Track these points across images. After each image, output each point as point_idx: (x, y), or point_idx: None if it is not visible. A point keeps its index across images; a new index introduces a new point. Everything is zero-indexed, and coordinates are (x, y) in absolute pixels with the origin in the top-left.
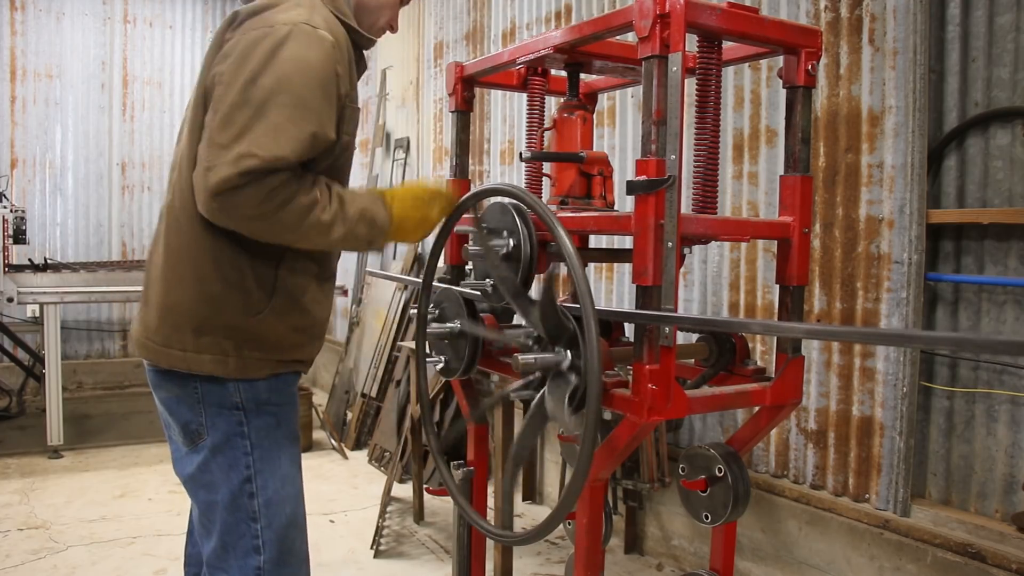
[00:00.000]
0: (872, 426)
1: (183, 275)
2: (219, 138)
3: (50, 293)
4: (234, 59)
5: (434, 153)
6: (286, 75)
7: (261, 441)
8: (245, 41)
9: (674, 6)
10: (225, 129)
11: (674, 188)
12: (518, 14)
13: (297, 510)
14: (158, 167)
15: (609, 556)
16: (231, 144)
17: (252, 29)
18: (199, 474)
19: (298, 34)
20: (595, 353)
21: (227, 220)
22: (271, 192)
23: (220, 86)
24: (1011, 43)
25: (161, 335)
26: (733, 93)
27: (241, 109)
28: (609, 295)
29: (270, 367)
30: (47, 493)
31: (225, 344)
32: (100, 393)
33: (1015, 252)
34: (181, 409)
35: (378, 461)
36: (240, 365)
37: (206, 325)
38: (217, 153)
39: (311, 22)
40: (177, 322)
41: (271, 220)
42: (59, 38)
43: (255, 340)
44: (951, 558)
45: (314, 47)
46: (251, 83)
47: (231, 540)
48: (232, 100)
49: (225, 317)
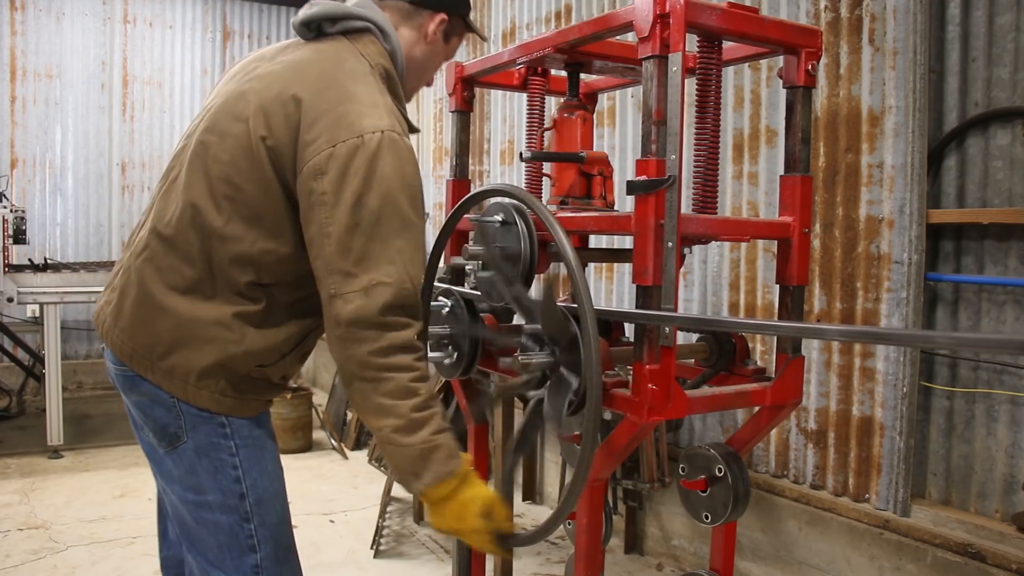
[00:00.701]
0: (872, 426)
1: (201, 318)
2: (340, 265)
3: (50, 293)
4: (332, 178)
5: (434, 153)
6: (390, 193)
7: (245, 441)
8: (339, 155)
9: (674, 6)
10: (343, 255)
11: (674, 188)
12: (518, 14)
13: (285, 506)
14: (158, 167)
15: (609, 556)
16: (353, 270)
17: (340, 139)
18: (185, 476)
19: (390, 145)
20: (595, 353)
21: (348, 351)
22: (396, 346)
23: (323, 208)
24: (1011, 43)
25: (167, 363)
26: (733, 93)
27: (354, 234)
28: (609, 295)
29: (261, 405)
30: (47, 493)
31: (225, 386)
32: (100, 393)
33: (1015, 252)
34: (157, 411)
35: (378, 461)
36: (236, 405)
37: (212, 369)
38: (341, 281)
39: (395, 129)
40: (186, 363)
41: (376, 375)
42: (59, 38)
43: (252, 382)
44: (951, 558)
45: (406, 158)
46: (358, 205)
47: (226, 540)
48: (343, 225)
49: (236, 369)
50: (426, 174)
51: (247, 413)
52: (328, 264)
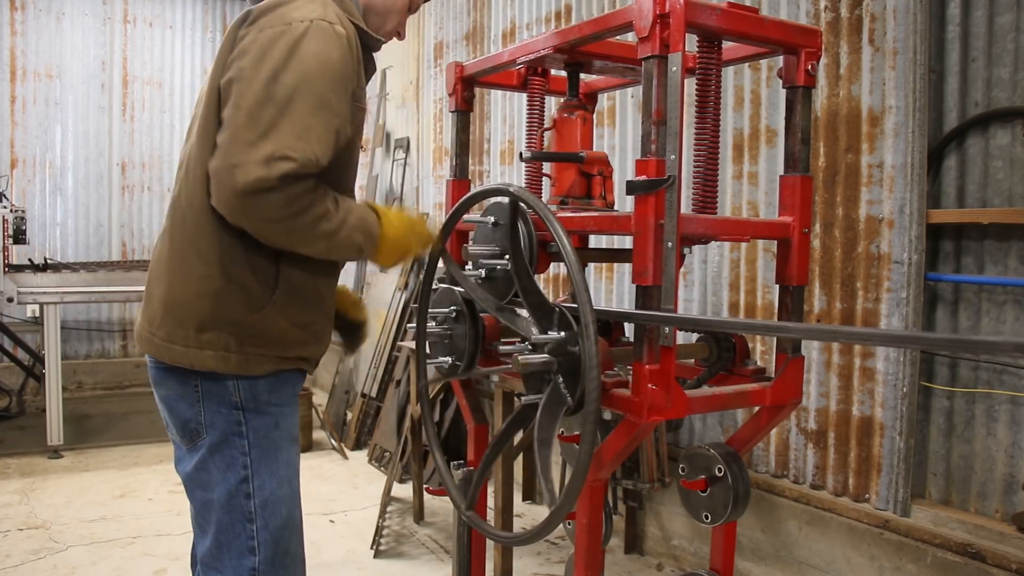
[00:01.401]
0: (872, 426)
1: (187, 271)
2: (244, 135)
3: (50, 293)
4: (252, 55)
5: (434, 153)
6: (308, 73)
7: (259, 441)
8: (263, 38)
9: (674, 6)
10: (251, 126)
11: (674, 188)
12: (518, 14)
13: (293, 512)
14: (158, 167)
15: (609, 556)
16: (258, 142)
17: (269, 27)
18: (196, 473)
19: (316, 31)
20: (594, 353)
21: (245, 220)
22: (295, 198)
23: (239, 83)
24: (1011, 43)
25: (164, 330)
26: (733, 93)
27: (265, 106)
28: (609, 295)
29: (272, 364)
30: (47, 493)
31: (228, 340)
32: (100, 393)
33: (1015, 252)
34: (180, 407)
35: (378, 461)
36: (242, 361)
37: (209, 321)
38: (243, 150)
39: (327, 18)
40: (180, 317)
41: (286, 225)
42: (59, 38)
43: (257, 336)
44: (951, 558)
45: (333, 44)
46: (273, 80)
47: (226, 540)
48: (255, 97)
49: (228, 312)
50: (426, 174)
51: (256, 370)
52: (233, 134)
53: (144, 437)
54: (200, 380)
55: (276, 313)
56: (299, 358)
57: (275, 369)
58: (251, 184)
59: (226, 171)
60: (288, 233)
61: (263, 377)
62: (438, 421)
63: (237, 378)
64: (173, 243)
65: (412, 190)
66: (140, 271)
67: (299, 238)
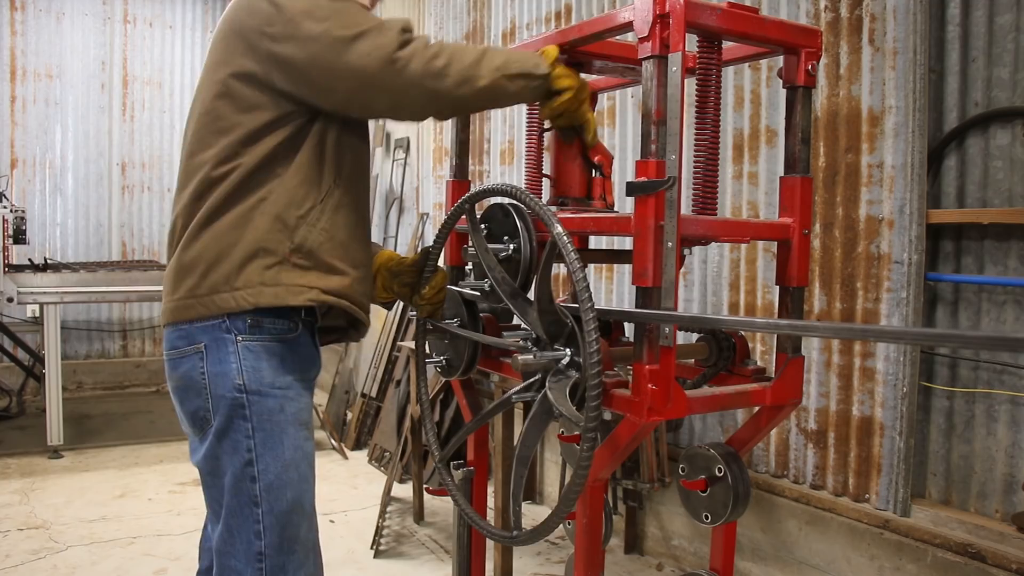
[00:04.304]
0: (872, 426)
1: (216, 231)
2: (339, 42)
3: (50, 293)
4: (279, 23)
5: (434, 153)
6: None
7: (263, 424)
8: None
9: (674, 6)
10: (340, 31)
11: (674, 189)
12: (518, 14)
13: (302, 497)
14: (158, 167)
15: (609, 556)
16: (356, 35)
17: None
18: (207, 460)
19: None
20: (594, 352)
21: (396, 92)
22: (424, 46)
23: (291, 41)
24: (1011, 43)
25: (207, 283)
26: (733, 93)
27: (332, 19)
28: (609, 295)
29: (309, 295)
30: (47, 493)
31: (263, 274)
32: (100, 393)
33: (1015, 252)
34: (189, 396)
35: (378, 461)
36: (279, 292)
37: (222, 260)
38: (354, 45)
39: None
40: (196, 270)
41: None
42: (59, 38)
43: (298, 251)
44: (951, 558)
45: None
46: (313, 8)
47: (235, 524)
48: (321, 24)
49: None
50: (426, 174)
51: (290, 300)
52: (334, 56)
53: (144, 437)
54: (207, 365)
55: (322, 217)
56: (327, 293)
57: (309, 300)
58: (388, 53)
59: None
60: (437, 77)
61: (276, 342)
62: (438, 421)
63: (248, 344)
64: (188, 233)
65: (412, 190)
66: (140, 271)
67: (444, 83)
